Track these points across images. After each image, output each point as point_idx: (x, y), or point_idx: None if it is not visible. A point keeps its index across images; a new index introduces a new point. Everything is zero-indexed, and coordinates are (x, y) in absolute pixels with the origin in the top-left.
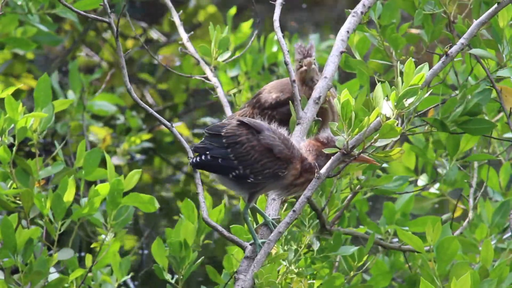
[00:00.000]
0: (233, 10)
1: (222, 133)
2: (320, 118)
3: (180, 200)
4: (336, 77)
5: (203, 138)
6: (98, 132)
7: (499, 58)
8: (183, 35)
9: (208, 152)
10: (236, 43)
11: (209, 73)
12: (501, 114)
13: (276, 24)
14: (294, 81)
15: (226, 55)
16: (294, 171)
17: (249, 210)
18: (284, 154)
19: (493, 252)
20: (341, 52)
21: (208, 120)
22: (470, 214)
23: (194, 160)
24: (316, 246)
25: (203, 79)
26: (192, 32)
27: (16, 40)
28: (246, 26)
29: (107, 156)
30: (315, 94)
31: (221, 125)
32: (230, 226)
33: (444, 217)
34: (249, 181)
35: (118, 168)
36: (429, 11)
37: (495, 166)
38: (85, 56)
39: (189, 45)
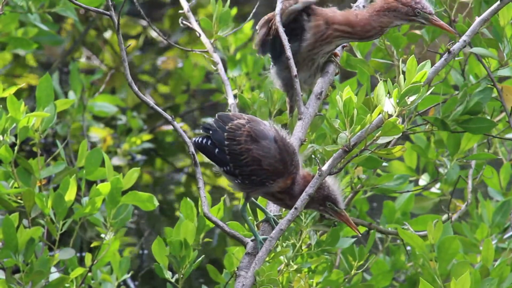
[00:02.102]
0: (233, 11)
1: (227, 127)
2: (322, 114)
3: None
4: (338, 76)
5: (213, 120)
6: (99, 133)
7: (500, 57)
8: (184, 5)
9: (211, 133)
10: (237, 44)
11: (209, 48)
12: (503, 113)
13: (278, 18)
14: (295, 76)
15: (227, 29)
16: (282, 185)
17: (248, 208)
18: (273, 168)
19: (493, 251)
20: (343, 47)
21: (210, 120)
22: (463, 208)
23: (196, 140)
24: (313, 240)
25: (203, 54)
26: (193, 1)
27: (17, 40)
28: (247, 27)
29: (105, 156)
30: (316, 89)
31: (232, 116)
32: (227, 223)
33: (445, 216)
34: (237, 182)
35: (118, 169)
36: None
37: (496, 166)
38: (85, 60)
39: (190, 16)
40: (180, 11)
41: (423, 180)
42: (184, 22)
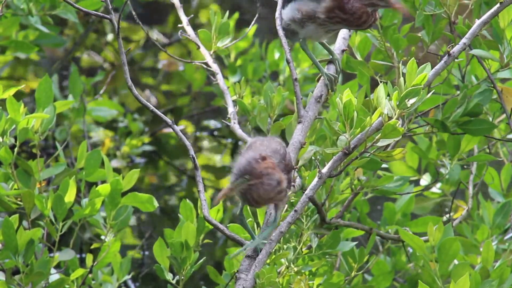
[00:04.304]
0: (235, 16)
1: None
2: (322, 117)
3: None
4: (340, 78)
5: None
6: (99, 135)
7: (501, 59)
8: (183, 18)
9: None
10: (238, 50)
11: (209, 59)
12: (505, 114)
13: (278, 22)
14: (295, 79)
15: (226, 40)
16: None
17: (248, 209)
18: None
19: (494, 252)
20: (343, 51)
21: (212, 123)
22: (464, 212)
23: None
24: (314, 243)
25: (203, 65)
26: (192, 15)
27: (17, 43)
28: (249, 34)
29: (105, 157)
30: (316, 92)
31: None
32: (228, 225)
33: (445, 218)
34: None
35: (118, 171)
36: (429, 11)
37: (498, 167)
38: (87, 57)
39: (189, 29)
40: (180, 25)
41: (425, 180)
42: (183, 34)
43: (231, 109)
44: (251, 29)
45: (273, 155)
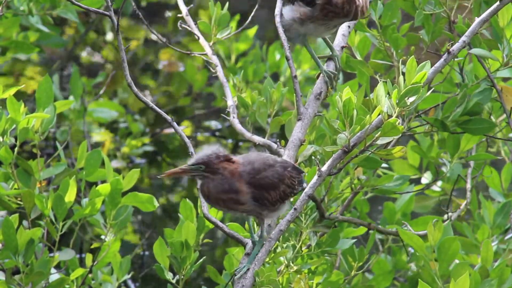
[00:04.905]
0: (236, 17)
1: None
2: (321, 114)
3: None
4: (340, 76)
5: None
6: (100, 136)
7: (500, 58)
8: (183, 8)
9: None
10: (239, 52)
11: (208, 50)
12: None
13: (277, 19)
14: (295, 76)
15: (226, 31)
16: None
17: None
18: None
19: (493, 252)
20: (342, 47)
21: (213, 124)
22: (462, 206)
23: None
24: (313, 241)
25: (202, 56)
26: (192, 5)
27: (18, 44)
28: (250, 34)
29: (105, 157)
30: (316, 89)
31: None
32: (227, 224)
33: (445, 216)
34: None
35: (118, 172)
36: (429, 11)
37: (500, 166)
38: (86, 55)
39: (188, 19)
40: (179, 15)
41: (426, 178)
42: (182, 25)
43: (230, 102)
44: (251, 30)
45: (244, 164)
